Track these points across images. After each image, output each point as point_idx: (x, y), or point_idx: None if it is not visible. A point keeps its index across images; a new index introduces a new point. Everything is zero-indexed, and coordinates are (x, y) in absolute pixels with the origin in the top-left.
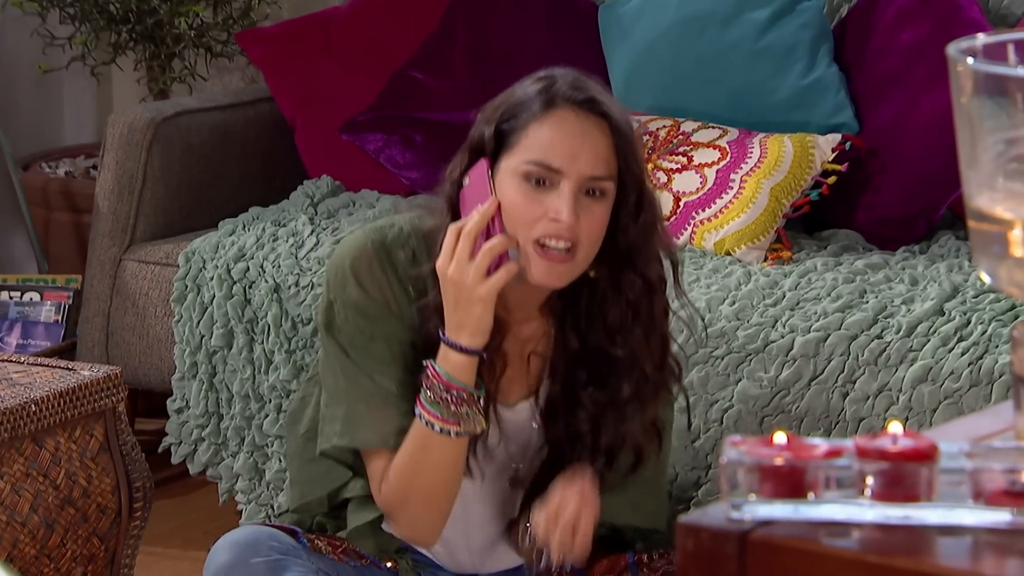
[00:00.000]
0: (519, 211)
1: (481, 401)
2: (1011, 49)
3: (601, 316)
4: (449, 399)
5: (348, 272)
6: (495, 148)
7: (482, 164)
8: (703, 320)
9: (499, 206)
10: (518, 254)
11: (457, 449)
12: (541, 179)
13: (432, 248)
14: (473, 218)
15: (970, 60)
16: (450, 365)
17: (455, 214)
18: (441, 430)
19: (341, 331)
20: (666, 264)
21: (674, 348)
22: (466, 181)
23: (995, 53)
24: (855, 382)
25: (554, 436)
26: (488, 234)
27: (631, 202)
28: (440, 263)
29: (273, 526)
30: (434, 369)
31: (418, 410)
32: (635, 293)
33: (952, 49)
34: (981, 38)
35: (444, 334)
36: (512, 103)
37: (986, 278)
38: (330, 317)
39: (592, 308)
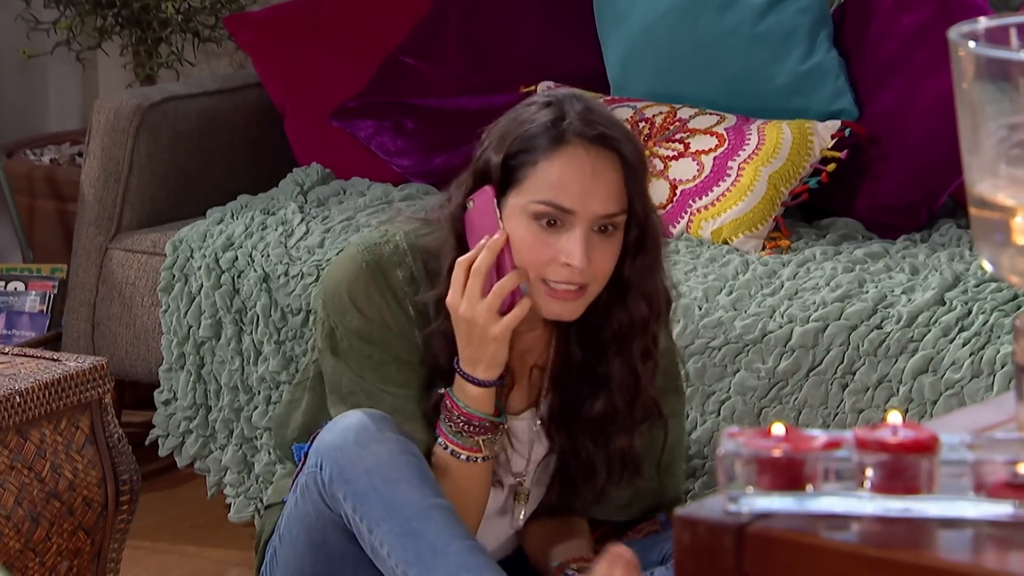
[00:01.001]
0: (529, 251)
1: (505, 427)
2: (1013, 33)
3: (596, 330)
4: (471, 430)
5: (346, 299)
6: (502, 180)
7: (488, 192)
8: (682, 358)
9: (507, 239)
10: (529, 288)
11: (483, 472)
12: (552, 220)
13: (431, 267)
14: (483, 254)
15: (972, 44)
16: (468, 398)
17: (458, 236)
18: (468, 459)
19: (348, 356)
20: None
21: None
22: (470, 204)
23: (997, 37)
24: (854, 373)
25: (559, 447)
26: (498, 268)
27: (632, 238)
28: (451, 300)
29: None
30: (453, 400)
31: (439, 439)
32: (619, 323)
33: (953, 33)
34: (983, 22)
35: (459, 366)
36: (521, 135)
37: (988, 266)
38: (334, 343)
39: (593, 321)
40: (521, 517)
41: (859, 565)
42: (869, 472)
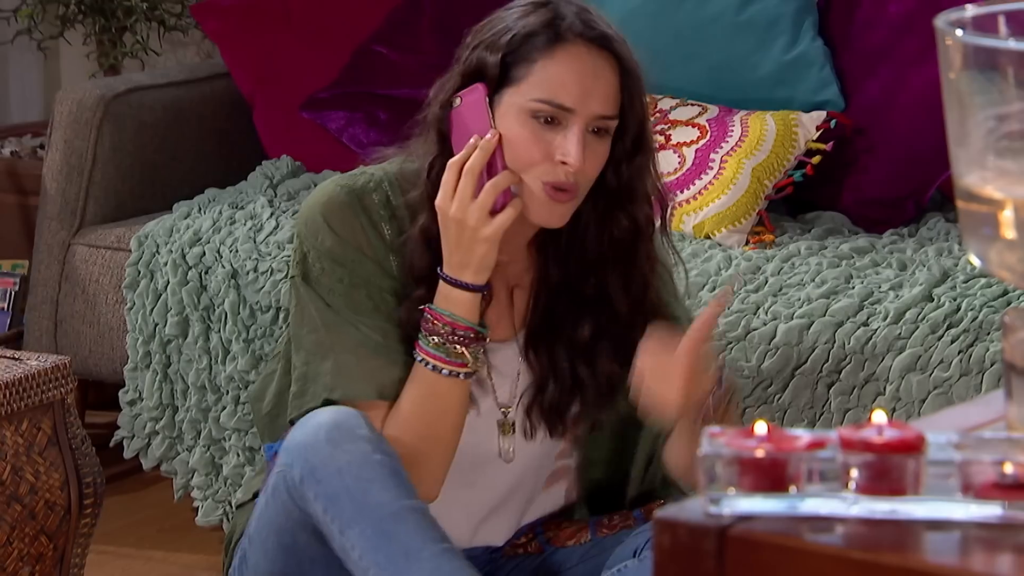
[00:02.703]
0: (524, 149)
1: (487, 340)
2: (1002, 20)
3: (580, 250)
4: (456, 339)
5: (320, 220)
6: (496, 79)
7: (479, 89)
8: (686, 270)
9: (499, 139)
10: (519, 190)
11: (464, 391)
12: (550, 117)
13: (408, 189)
14: (476, 153)
15: (959, 32)
16: (453, 304)
17: (441, 136)
18: (450, 373)
19: (319, 282)
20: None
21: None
22: (457, 102)
23: (985, 25)
24: (840, 371)
25: (537, 370)
26: (489, 169)
27: (628, 140)
28: (440, 201)
29: None
30: (434, 311)
31: (420, 356)
32: (619, 231)
33: (940, 21)
34: (970, 9)
35: (444, 272)
36: (518, 32)
37: (976, 261)
38: (305, 269)
39: (572, 241)
40: (512, 451)
41: (844, 568)
42: (854, 473)
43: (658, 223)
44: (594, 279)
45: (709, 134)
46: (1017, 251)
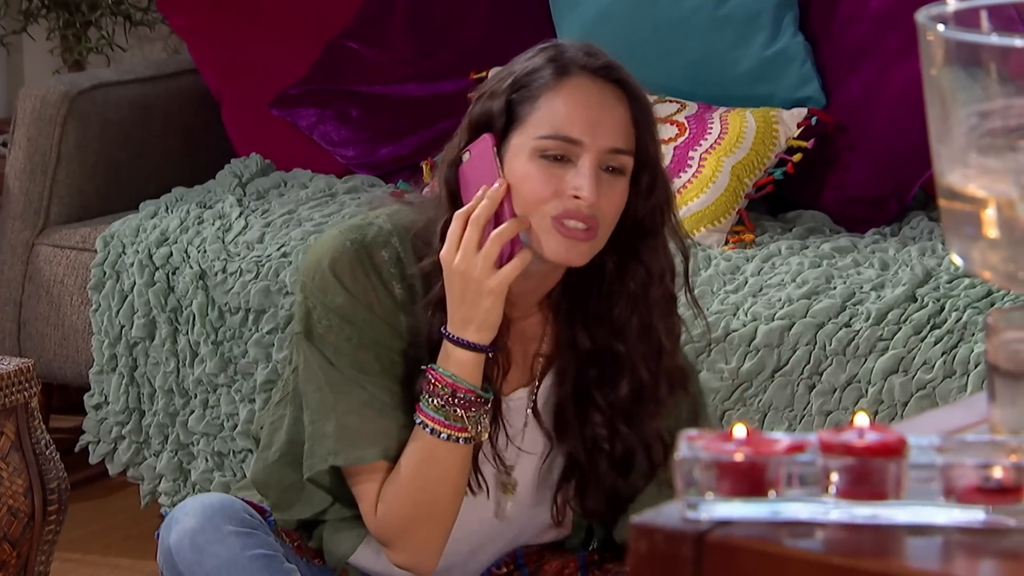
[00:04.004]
0: (534, 189)
1: (490, 405)
2: (984, 15)
3: (608, 311)
4: (455, 402)
5: (328, 274)
6: (504, 124)
7: (487, 140)
8: (707, 322)
9: (508, 189)
10: (530, 240)
11: (465, 458)
12: (559, 155)
13: (419, 247)
14: (483, 203)
15: (940, 27)
16: (455, 365)
17: (452, 195)
18: (449, 437)
19: (324, 339)
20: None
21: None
22: (466, 157)
23: (967, 20)
24: (822, 373)
25: (569, 445)
26: (497, 221)
27: (644, 182)
28: (445, 253)
29: (240, 499)
30: (436, 372)
31: (420, 419)
32: (636, 283)
33: (921, 16)
34: (952, 4)
35: (447, 331)
36: (520, 73)
37: (958, 261)
38: (310, 325)
39: (600, 304)
40: (508, 508)
41: (824, 574)
42: (834, 477)
43: (675, 272)
44: (624, 340)
45: (688, 131)
46: (1000, 251)
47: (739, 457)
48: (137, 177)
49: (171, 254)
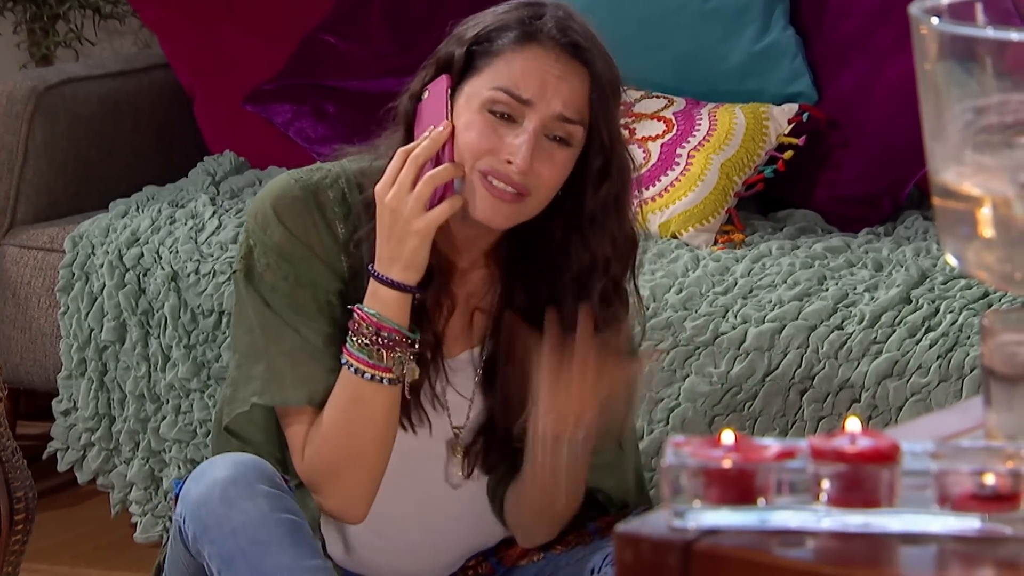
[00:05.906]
0: (473, 140)
1: (416, 346)
2: (979, 8)
3: (550, 277)
4: (380, 342)
5: (270, 213)
6: (462, 70)
7: (443, 81)
8: (644, 313)
9: (452, 133)
10: (463, 187)
11: (390, 400)
12: (505, 113)
13: (367, 186)
14: (424, 143)
15: (934, 21)
16: (380, 304)
17: (409, 134)
18: (372, 377)
19: (262, 279)
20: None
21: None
22: (426, 94)
23: (962, 13)
24: (814, 377)
25: (490, 400)
26: (437, 162)
27: (595, 167)
28: (379, 188)
29: None
30: (362, 311)
31: (345, 359)
32: (580, 265)
33: (915, 9)
34: None
35: (373, 268)
36: (490, 26)
37: (953, 261)
38: (249, 264)
39: (544, 266)
40: (458, 474)
41: None
42: (825, 484)
43: (623, 262)
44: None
45: (675, 128)
46: (996, 251)
47: (727, 464)
48: (107, 175)
49: (142, 255)
